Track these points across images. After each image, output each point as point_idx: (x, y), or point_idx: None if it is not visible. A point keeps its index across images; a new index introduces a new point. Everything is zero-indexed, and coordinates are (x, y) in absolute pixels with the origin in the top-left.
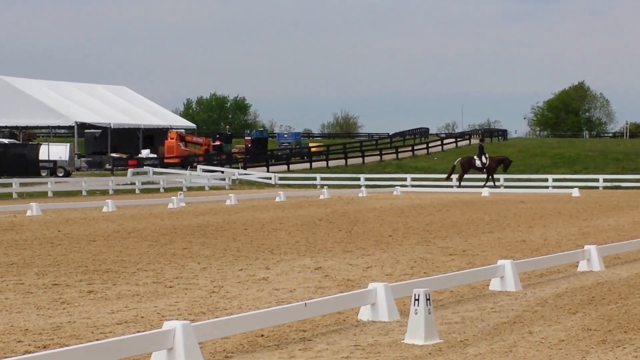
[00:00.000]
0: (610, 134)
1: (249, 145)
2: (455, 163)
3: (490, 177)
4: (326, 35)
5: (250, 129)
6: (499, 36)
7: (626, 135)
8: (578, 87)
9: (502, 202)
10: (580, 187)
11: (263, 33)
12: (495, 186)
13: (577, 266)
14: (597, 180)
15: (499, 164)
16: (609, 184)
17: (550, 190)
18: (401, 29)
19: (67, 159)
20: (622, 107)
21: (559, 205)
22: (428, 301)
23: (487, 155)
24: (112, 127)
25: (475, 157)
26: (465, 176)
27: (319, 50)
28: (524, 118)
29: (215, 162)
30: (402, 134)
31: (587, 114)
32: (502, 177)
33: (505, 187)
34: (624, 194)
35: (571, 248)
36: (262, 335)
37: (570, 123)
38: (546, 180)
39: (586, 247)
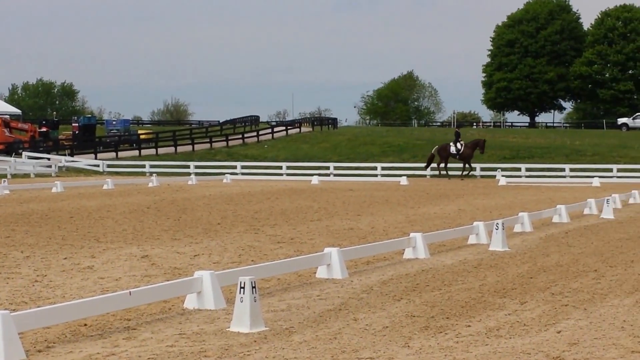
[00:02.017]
0: (439, 123)
1: (77, 132)
2: (432, 151)
3: (466, 165)
4: (157, 22)
5: (78, 115)
6: (330, 25)
7: (454, 125)
8: (407, 77)
9: (331, 190)
10: (409, 176)
11: (92, 19)
12: (471, 175)
13: (403, 253)
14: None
15: (474, 149)
16: (435, 173)
17: (379, 178)
18: (233, 17)
19: None
20: (450, 96)
21: (387, 194)
22: (254, 289)
23: (462, 142)
24: None
25: (451, 143)
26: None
27: (150, 37)
28: (354, 107)
29: (41, 149)
30: (232, 122)
31: (416, 103)
32: (332, 165)
33: (335, 175)
34: (450, 182)
35: (398, 236)
36: (86, 325)
37: (399, 112)
38: (375, 168)
39: (412, 234)
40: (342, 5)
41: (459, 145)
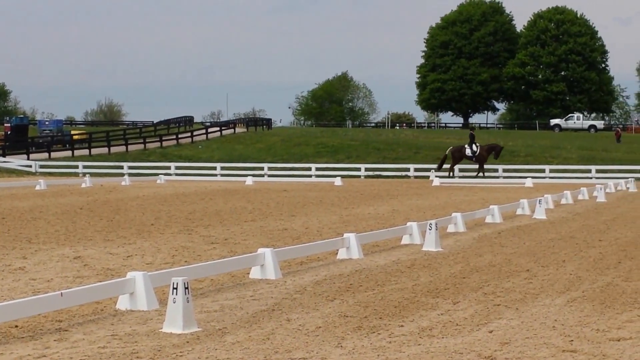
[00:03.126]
0: (373, 124)
1: (9, 132)
2: (446, 153)
3: (481, 167)
4: (91, 22)
5: (10, 116)
6: (265, 26)
7: (388, 126)
8: (342, 78)
9: (265, 191)
10: (343, 176)
11: (24, 18)
12: (484, 176)
13: (337, 254)
14: (359, 169)
15: (490, 153)
16: (370, 173)
17: (314, 179)
18: (167, 17)
19: None
20: (384, 97)
21: (322, 194)
22: (186, 290)
23: (477, 144)
24: None
25: (466, 145)
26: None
27: (84, 38)
28: (289, 107)
29: None
30: (166, 123)
31: (351, 104)
32: (266, 165)
33: (269, 175)
34: (384, 183)
35: (331, 236)
36: (17, 326)
37: (334, 113)
38: (309, 169)
39: (345, 235)
40: (277, 6)
41: (474, 147)
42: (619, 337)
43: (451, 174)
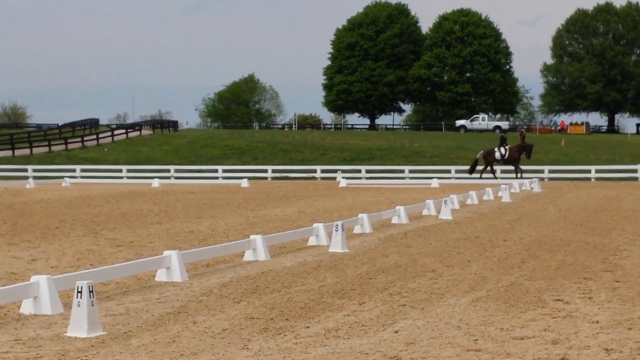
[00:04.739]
0: (280, 126)
1: None
2: (477, 156)
3: (517, 168)
4: None
5: None
6: (171, 28)
7: (295, 127)
8: (248, 80)
9: (171, 193)
10: (250, 178)
11: None
12: (521, 177)
13: (244, 256)
14: (266, 171)
15: (521, 152)
16: (277, 175)
17: (220, 181)
18: (72, 19)
19: None
20: (291, 99)
21: (228, 196)
22: (91, 293)
23: (506, 147)
24: None
25: (495, 148)
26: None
27: None
28: (196, 109)
29: None
30: (72, 125)
31: (257, 105)
32: (172, 167)
33: (176, 178)
34: (291, 184)
35: (238, 238)
36: None
37: (240, 115)
38: (216, 171)
39: (252, 236)
40: (184, 8)
41: (502, 150)
42: (523, 336)
43: (482, 176)
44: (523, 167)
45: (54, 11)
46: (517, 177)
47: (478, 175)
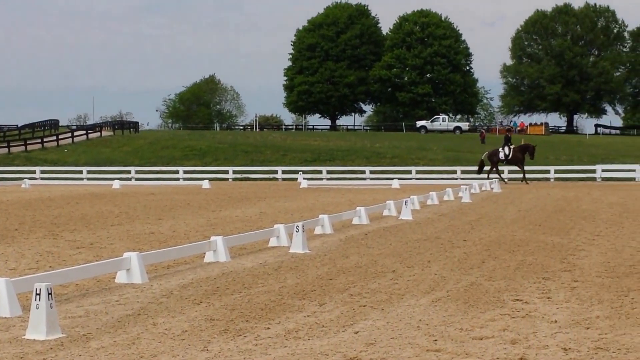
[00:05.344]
0: (241, 127)
1: None
2: (482, 157)
3: (521, 169)
4: None
5: None
6: (132, 28)
7: (256, 128)
8: (209, 80)
9: (132, 195)
10: (211, 179)
11: None
12: (525, 178)
13: (204, 257)
14: (227, 172)
15: (524, 153)
16: (238, 176)
17: (182, 182)
18: (31, 18)
19: None
20: (252, 100)
21: (189, 197)
22: (50, 295)
23: (510, 147)
24: None
25: (499, 149)
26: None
27: None
28: (157, 110)
29: None
30: (31, 126)
31: (218, 106)
32: (133, 169)
33: (137, 179)
34: (252, 186)
35: (199, 239)
36: None
37: (201, 116)
38: (177, 172)
39: (212, 238)
40: (144, 8)
41: (506, 149)
42: (482, 336)
43: (490, 176)
44: (476, 168)
45: (13, 10)
46: (523, 178)
47: (485, 175)
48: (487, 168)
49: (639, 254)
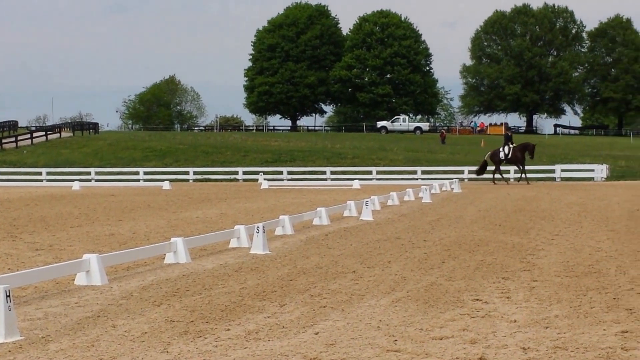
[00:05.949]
0: (202, 127)
1: None
2: (485, 158)
3: (522, 168)
4: None
5: None
6: (92, 29)
7: (217, 129)
8: (169, 81)
9: (92, 196)
10: (171, 180)
11: None
12: (525, 177)
13: (165, 258)
14: (187, 173)
15: (524, 152)
16: (199, 177)
17: (142, 183)
18: None
19: None
20: (213, 101)
21: (150, 198)
22: (8, 298)
23: (510, 146)
24: None
25: (500, 148)
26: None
27: None
28: (116, 111)
29: None
30: None
31: (179, 107)
32: (93, 170)
33: (97, 180)
34: (213, 187)
35: (159, 241)
36: None
37: (162, 116)
38: (137, 173)
39: (173, 239)
40: (105, 9)
41: (506, 149)
42: (442, 336)
43: (495, 176)
44: (452, 168)
45: None
46: (522, 177)
47: (490, 176)
48: (490, 168)
49: (598, 253)
